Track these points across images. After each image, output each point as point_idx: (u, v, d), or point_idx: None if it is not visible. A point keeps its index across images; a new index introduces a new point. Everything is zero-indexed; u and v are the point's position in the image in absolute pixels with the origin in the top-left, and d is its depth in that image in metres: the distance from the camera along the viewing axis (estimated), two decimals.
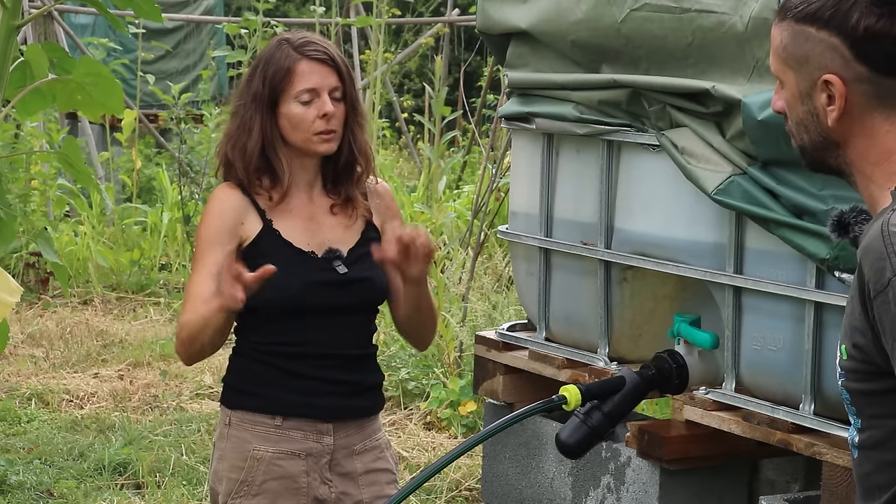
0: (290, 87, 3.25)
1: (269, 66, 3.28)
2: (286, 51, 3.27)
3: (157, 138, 12.80)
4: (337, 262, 3.30)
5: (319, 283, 3.27)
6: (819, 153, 2.13)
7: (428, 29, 13.55)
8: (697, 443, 3.36)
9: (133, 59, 12.60)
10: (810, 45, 2.06)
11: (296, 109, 3.25)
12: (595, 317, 3.59)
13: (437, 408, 6.62)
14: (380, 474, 3.36)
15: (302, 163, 3.31)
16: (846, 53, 2.04)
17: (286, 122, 3.26)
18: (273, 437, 3.26)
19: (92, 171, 2.73)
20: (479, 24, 3.87)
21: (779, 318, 3.15)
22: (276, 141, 3.28)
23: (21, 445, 6.38)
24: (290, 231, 3.29)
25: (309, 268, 3.27)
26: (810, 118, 2.10)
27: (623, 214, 3.51)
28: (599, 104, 3.50)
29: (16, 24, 2.37)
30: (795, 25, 2.08)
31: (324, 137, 3.26)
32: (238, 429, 3.29)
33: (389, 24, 11.29)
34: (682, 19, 3.24)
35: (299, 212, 3.32)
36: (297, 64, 3.25)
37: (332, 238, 3.32)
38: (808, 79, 2.08)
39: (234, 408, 3.30)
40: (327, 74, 3.27)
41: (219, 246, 3.25)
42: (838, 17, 2.03)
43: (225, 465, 3.29)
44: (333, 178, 3.36)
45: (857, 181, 2.11)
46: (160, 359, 7.99)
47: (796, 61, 2.09)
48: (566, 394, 2.87)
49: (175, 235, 10.41)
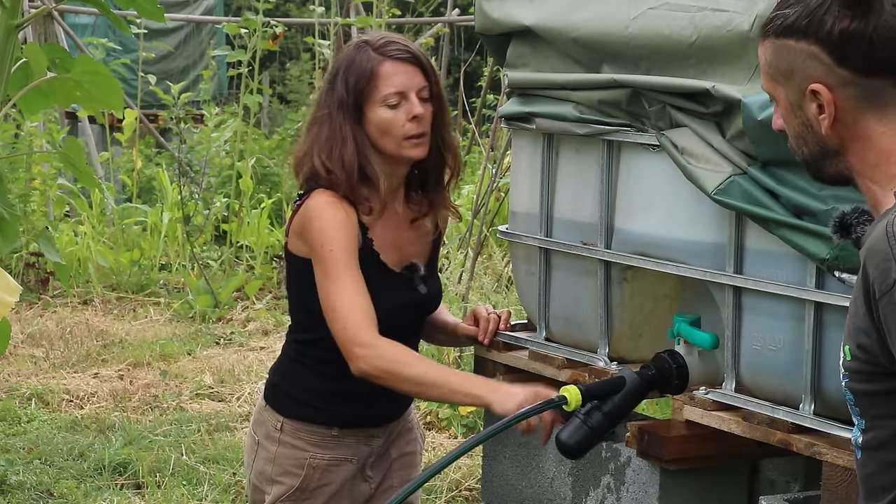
0: (376, 92, 3.09)
1: (350, 72, 3.11)
2: (367, 53, 3.12)
3: (157, 138, 12.80)
4: (418, 282, 3.22)
5: (406, 306, 3.19)
6: (820, 163, 2.14)
7: (428, 29, 13.55)
8: (697, 443, 3.36)
9: (133, 59, 12.60)
10: (792, 57, 2.08)
11: (384, 114, 3.10)
12: (595, 317, 3.59)
13: (438, 408, 6.62)
14: (409, 457, 3.38)
15: (392, 170, 3.16)
16: (826, 60, 2.04)
17: (374, 128, 3.11)
18: (329, 445, 3.23)
19: (92, 170, 2.73)
20: (478, 24, 3.87)
21: (779, 318, 3.16)
22: (368, 149, 3.12)
23: (21, 445, 6.38)
24: (384, 249, 3.16)
25: (397, 290, 3.17)
26: (805, 129, 2.12)
27: (623, 214, 3.51)
28: (599, 104, 3.50)
29: (15, 24, 2.37)
30: (777, 40, 2.10)
31: (415, 142, 3.11)
32: (292, 436, 3.23)
33: (389, 24, 11.28)
34: (693, 17, 3.23)
35: (389, 225, 3.18)
36: (381, 66, 3.10)
37: (412, 252, 3.23)
38: (796, 91, 2.09)
39: (288, 415, 3.24)
40: (413, 74, 3.13)
41: (355, 256, 3.08)
42: (814, 25, 2.05)
43: (276, 468, 3.24)
44: (421, 184, 3.23)
45: (860, 184, 2.11)
46: (160, 359, 8.00)
47: (783, 76, 2.10)
48: (566, 394, 2.88)
49: (175, 235, 10.42)
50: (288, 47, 19.37)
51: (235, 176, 10.60)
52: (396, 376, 3.02)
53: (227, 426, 6.72)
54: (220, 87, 16.29)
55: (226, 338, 8.67)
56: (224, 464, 6.11)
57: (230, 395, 7.32)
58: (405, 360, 3.02)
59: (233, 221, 10.48)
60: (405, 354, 3.03)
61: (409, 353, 3.04)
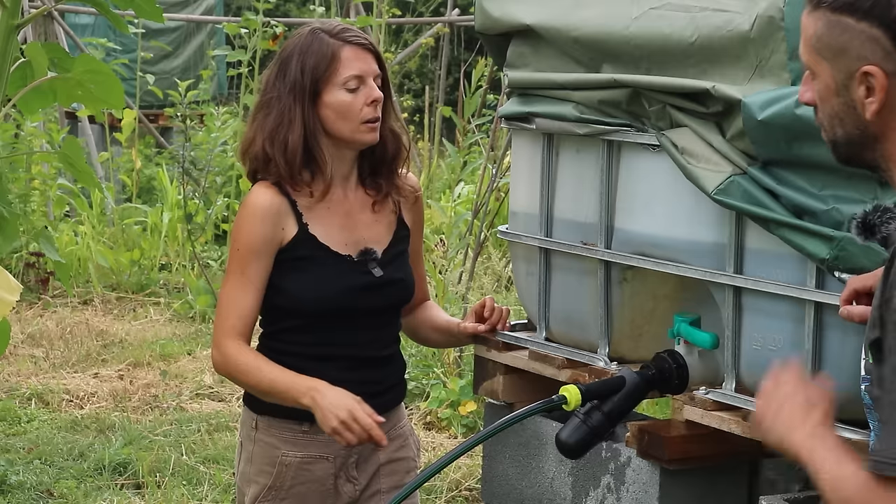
0: (336, 75, 3.11)
1: (307, 55, 3.12)
2: (324, 39, 3.13)
3: (157, 138, 12.80)
4: (373, 265, 3.21)
5: (355, 288, 3.18)
6: (854, 147, 2.05)
7: (428, 29, 13.56)
8: (697, 443, 3.36)
9: (133, 59, 12.60)
10: (848, 35, 1.99)
11: (343, 97, 3.11)
12: (595, 317, 3.59)
13: (438, 408, 6.62)
14: (400, 463, 3.33)
15: (341, 155, 3.19)
16: (888, 45, 1.96)
17: (330, 111, 3.12)
18: (301, 442, 3.21)
19: (92, 170, 2.73)
20: (478, 23, 3.87)
21: (779, 318, 3.16)
22: (318, 132, 3.14)
23: (21, 445, 6.38)
24: (326, 232, 3.18)
25: (345, 272, 3.18)
26: (847, 110, 2.03)
27: (623, 214, 3.51)
28: (599, 104, 3.50)
29: (15, 24, 2.37)
30: (832, 15, 2.01)
31: (371, 126, 3.13)
32: (265, 433, 3.23)
33: (389, 24, 11.29)
34: (694, 17, 3.23)
35: (336, 209, 3.20)
36: (341, 50, 3.12)
37: (367, 237, 3.23)
38: (844, 70, 2.01)
39: (260, 412, 3.24)
40: (371, 61, 3.15)
41: (262, 256, 3.14)
42: (879, 7, 1.96)
43: (253, 468, 3.24)
44: (372, 170, 3.25)
45: (893, 176, 2.06)
46: (160, 359, 8.00)
47: (832, 52, 2.01)
48: (566, 394, 2.87)
49: (175, 235, 10.41)
50: None
51: (236, 176, 10.60)
52: (238, 380, 3.21)
53: (227, 426, 6.72)
54: (220, 87, 16.29)
55: None
56: (224, 464, 6.11)
57: (230, 395, 7.32)
58: (245, 367, 3.14)
59: (233, 221, 10.47)
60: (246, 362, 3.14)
61: (250, 360, 3.15)
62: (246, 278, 3.15)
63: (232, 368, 3.15)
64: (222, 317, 3.16)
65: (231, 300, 3.16)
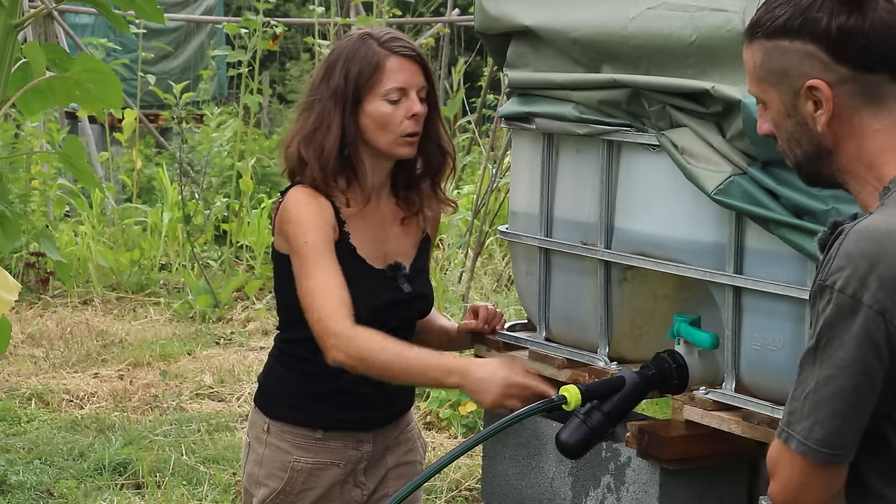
0: (379, 85, 3.06)
1: (353, 62, 3.06)
2: (372, 46, 3.08)
3: (157, 138, 12.81)
4: (402, 280, 3.17)
5: (386, 303, 3.14)
6: (813, 164, 2.12)
7: (428, 29, 13.56)
8: (697, 443, 3.36)
9: (133, 59, 12.60)
10: (787, 57, 2.06)
11: (383, 108, 3.06)
12: (595, 317, 3.59)
13: (438, 408, 6.62)
14: (408, 467, 3.32)
15: (379, 165, 3.13)
16: (824, 57, 2.03)
17: (370, 121, 3.07)
18: (314, 448, 3.19)
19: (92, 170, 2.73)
20: (478, 23, 3.87)
21: (779, 318, 3.16)
22: (357, 140, 3.08)
23: (21, 445, 6.38)
24: (362, 244, 3.12)
25: (379, 287, 3.13)
26: (800, 129, 2.10)
27: (623, 214, 3.51)
28: (599, 104, 3.50)
29: (14, 24, 2.37)
30: (767, 42, 2.08)
31: (408, 140, 3.08)
32: (277, 438, 3.20)
33: (390, 24, 11.28)
34: (693, 17, 3.23)
35: (371, 220, 3.15)
36: (387, 60, 3.07)
37: (396, 250, 3.18)
38: (790, 91, 2.08)
39: (273, 417, 3.21)
40: (416, 73, 3.10)
41: (329, 243, 3.04)
42: (808, 23, 2.03)
43: (263, 471, 3.22)
44: (407, 183, 3.20)
45: (851, 187, 2.10)
46: (160, 359, 8.00)
47: (776, 77, 2.08)
48: (566, 394, 2.88)
49: (175, 235, 10.42)
50: (288, 47, 19.39)
51: (235, 176, 10.60)
52: (368, 362, 2.96)
53: (227, 426, 6.72)
54: (220, 87, 16.30)
55: (226, 338, 8.68)
56: (224, 464, 6.11)
57: (230, 395, 7.33)
58: (378, 345, 2.96)
59: (233, 221, 10.48)
60: (378, 340, 2.96)
61: (382, 339, 2.96)
62: (327, 266, 3.03)
63: (364, 347, 2.94)
64: (325, 308, 2.99)
65: (324, 289, 3.00)
